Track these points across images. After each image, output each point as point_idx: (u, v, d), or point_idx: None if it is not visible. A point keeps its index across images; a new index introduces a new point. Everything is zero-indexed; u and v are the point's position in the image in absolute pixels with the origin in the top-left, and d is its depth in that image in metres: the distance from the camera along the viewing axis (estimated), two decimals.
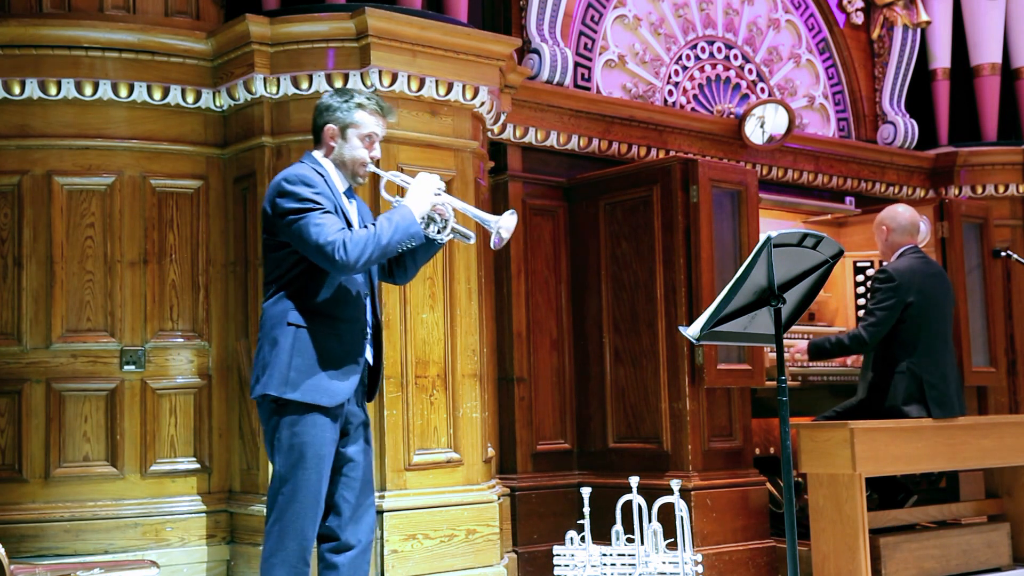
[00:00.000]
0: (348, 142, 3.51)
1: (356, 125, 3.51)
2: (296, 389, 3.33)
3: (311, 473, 3.34)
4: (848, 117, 7.59)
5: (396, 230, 3.35)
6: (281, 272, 3.43)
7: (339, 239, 3.28)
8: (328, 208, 3.36)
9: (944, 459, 5.39)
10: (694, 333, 3.63)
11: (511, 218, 3.45)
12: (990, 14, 7.78)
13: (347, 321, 3.43)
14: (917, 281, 5.47)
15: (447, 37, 5.03)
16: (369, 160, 3.53)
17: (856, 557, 4.95)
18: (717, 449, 5.55)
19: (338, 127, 3.51)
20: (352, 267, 3.29)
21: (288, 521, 3.33)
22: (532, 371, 5.87)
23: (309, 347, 3.36)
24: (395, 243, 3.35)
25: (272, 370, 3.35)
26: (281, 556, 3.33)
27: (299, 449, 3.34)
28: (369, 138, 3.52)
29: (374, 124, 3.53)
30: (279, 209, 3.37)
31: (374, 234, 3.32)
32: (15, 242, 4.93)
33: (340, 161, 3.53)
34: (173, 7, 5.21)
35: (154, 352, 5.01)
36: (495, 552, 4.96)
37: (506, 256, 5.83)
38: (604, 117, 6.18)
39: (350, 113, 3.51)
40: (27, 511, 4.79)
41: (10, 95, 4.91)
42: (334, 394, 3.37)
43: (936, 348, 5.50)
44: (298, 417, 3.35)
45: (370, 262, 3.33)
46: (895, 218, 5.69)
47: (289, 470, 3.34)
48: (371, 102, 3.54)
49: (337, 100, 3.53)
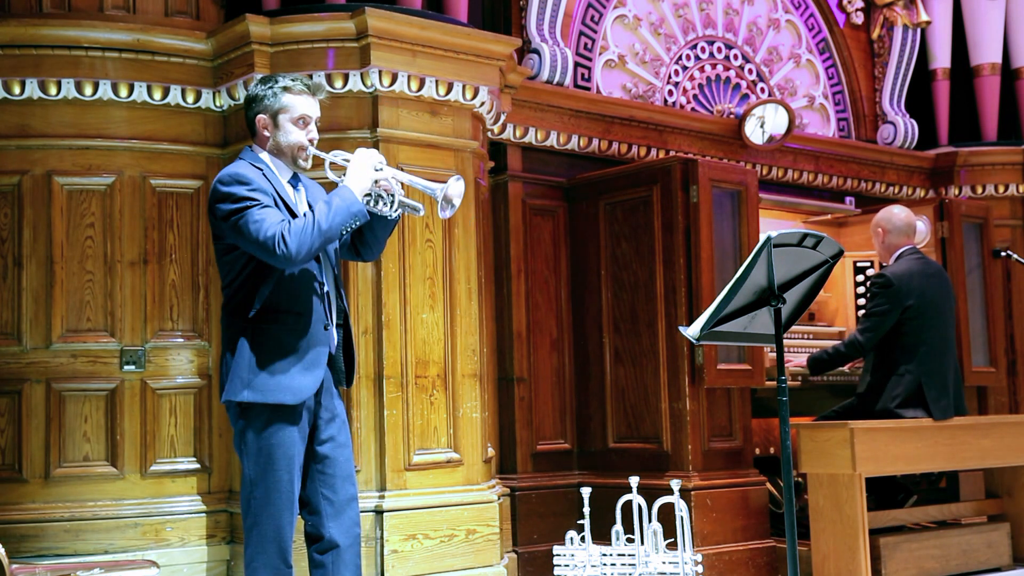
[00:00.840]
0: (281, 128, 3.43)
1: (285, 109, 3.42)
2: (257, 391, 3.27)
3: (282, 474, 3.30)
4: (848, 117, 7.59)
5: (336, 213, 3.26)
6: (234, 275, 3.37)
7: (277, 232, 3.20)
8: (266, 203, 3.28)
9: (944, 459, 5.39)
10: (694, 333, 3.63)
11: (457, 184, 3.37)
12: (990, 14, 7.78)
13: (304, 314, 3.35)
14: (916, 283, 5.48)
15: (447, 37, 5.03)
16: (306, 142, 3.45)
17: (856, 557, 4.95)
18: (717, 449, 5.55)
19: (268, 115, 3.43)
20: (295, 259, 3.22)
21: (265, 524, 3.30)
22: (532, 371, 5.87)
23: (266, 346, 3.30)
24: (337, 226, 3.26)
25: (233, 374, 3.30)
26: (262, 560, 3.30)
27: (267, 451, 3.29)
28: (302, 120, 3.44)
29: (304, 105, 3.44)
30: (219, 213, 3.31)
31: (313, 221, 3.23)
32: (15, 242, 4.93)
33: (277, 150, 3.45)
34: (173, 7, 5.21)
35: (154, 352, 5.01)
36: (495, 552, 4.96)
37: (506, 256, 5.83)
38: (604, 117, 6.18)
39: (277, 98, 3.42)
40: (27, 511, 4.79)
41: (10, 95, 4.91)
42: (297, 391, 3.30)
43: (936, 350, 5.50)
44: (263, 419, 3.30)
45: (313, 251, 3.24)
46: (891, 220, 5.70)
47: (259, 473, 3.30)
48: (296, 83, 3.44)
49: (262, 88, 3.45)
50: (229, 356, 3.34)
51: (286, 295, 3.34)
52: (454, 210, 3.39)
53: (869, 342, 5.46)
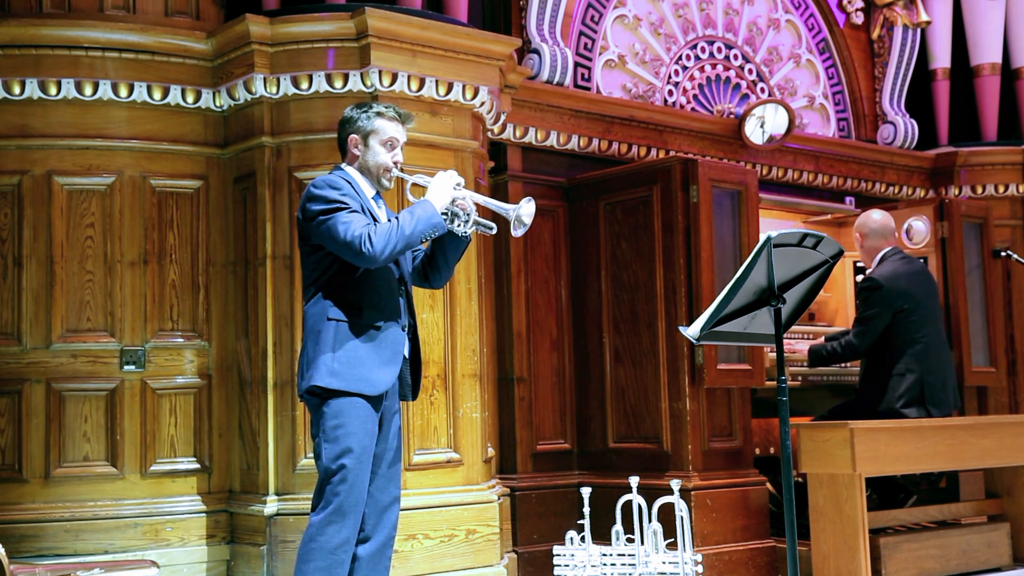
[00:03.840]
0: (370, 149, 3.67)
1: (376, 132, 3.67)
2: (341, 379, 3.46)
3: (357, 462, 3.45)
4: (848, 117, 7.59)
5: (418, 221, 3.48)
6: (318, 274, 3.57)
7: (364, 233, 3.41)
8: (354, 208, 3.50)
9: (944, 459, 5.39)
10: (694, 333, 3.63)
11: (528, 205, 3.59)
12: (990, 14, 7.78)
13: (384, 314, 3.56)
14: (902, 284, 5.59)
15: (447, 37, 5.03)
16: (392, 164, 3.69)
17: (856, 557, 4.94)
18: (717, 449, 5.55)
19: (360, 136, 3.68)
20: (378, 258, 3.42)
21: (334, 510, 3.42)
22: (532, 371, 5.87)
23: (350, 340, 3.49)
24: (418, 233, 3.48)
25: (318, 363, 3.48)
26: (321, 542, 3.42)
27: (345, 439, 3.45)
28: (390, 143, 3.68)
29: (394, 129, 3.69)
30: (309, 213, 3.52)
31: (397, 226, 3.46)
32: (15, 242, 4.93)
33: (365, 168, 3.68)
34: (173, 7, 5.21)
35: (154, 352, 5.01)
36: (495, 552, 4.96)
37: (506, 256, 5.83)
38: (604, 117, 6.18)
39: (370, 121, 3.67)
40: (27, 511, 4.79)
41: (10, 95, 4.91)
42: (376, 384, 3.49)
43: (931, 346, 5.60)
44: (343, 407, 3.47)
45: (395, 253, 3.45)
46: (866, 223, 5.85)
47: (335, 459, 3.44)
48: (389, 110, 3.70)
49: (357, 112, 3.70)
50: (312, 346, 3.53)
51: (369, 295, 3.56)
52: (525, 228, 3.61)
53: (863, 344, 5.59)
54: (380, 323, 3.54)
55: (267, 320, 4.88)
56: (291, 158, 4.93)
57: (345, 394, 3.47)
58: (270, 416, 4.84)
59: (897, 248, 5.80)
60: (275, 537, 4.75)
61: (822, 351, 5.77)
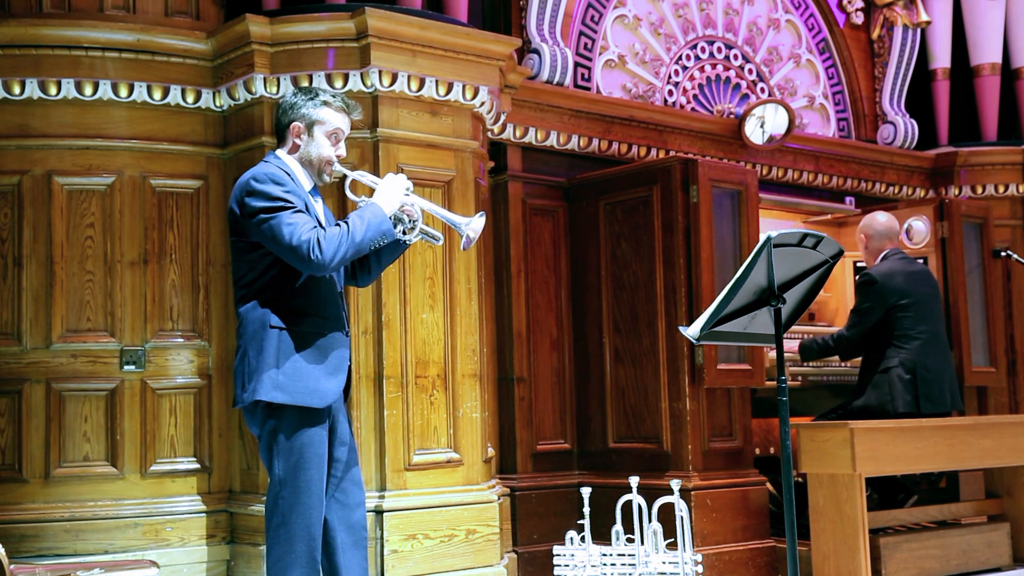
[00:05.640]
0: (314, 139, 3.48)
1: (322, 122, 3.47)
2: (287, 393, 3.30)
3: (312, 472, 3.34)
4: (848, 117, 7.59)
5: (368, 228, 3.32)
6: (256, 275, 3.38)
7: (312, 238, 3.24)
8: (299, 207, 3.32)
9: (944, 459, 5.39)
10: (694, 333, 3.63)
11: (479, 220, 3.46)
12: (990, 14, 7.78)
13: (328, 319, 3.41)
14: (900, 282, 5.61)
15: (447, 37, 5.03)
16: (335, 158, 3.50)
17: (856, 557, 4.95)
18: (717, 449, 5.55)
19: (304, 124, 3.48)
20: (327, 266, 3.26)
21: (294, 524, 3.32)
22: (532, 371, 5.87)
23: (295, 349, 3.33)
24: (367, 241, 3.33)
25: (262, 376, 3.31)
26: (290, 559, 3.32)
27: (298, 451, 3.33)
28: (335, 135, 3.50)
29: (340, 121, 3.50)
30: (248, 209, 3.32)
31: (347, 232, 3.29)
32: (15, 242, 4.93)
33: (306, 159, 3.49)
34: (173, 7, 5.21)
35: (154, 352, 5.01)
36: (495, 552, 4.96)
37: (506, 256, 5.83)
38: (604, 117, 6.18)
39: (316, 110, 3.47)
40: (27, 511, 4.79)
41: (10, 95, 4.91)
42: (324, 394, 3.36)
43: (927, 344, 5.60)
44: (293, 420, 3.33)
45: (344, 260, 3.30)
46: (871, 225, 5.89)
47: (290, 472, 3.33)
48: (336, 99, 3.51)
49: (302, 98, 3.49)
50: (252, 355, 3.34)
51: (313, 300, 3.39)
52: (471, 244, 3.49)
53: (855, 336, 5.62)
54: (325, 330, 3.39)
55: None
56: None
57: (293, 408, 3.32)
58: None
59: (899, 249, 5.84)
60: None
61: (812, 345, 5.80)
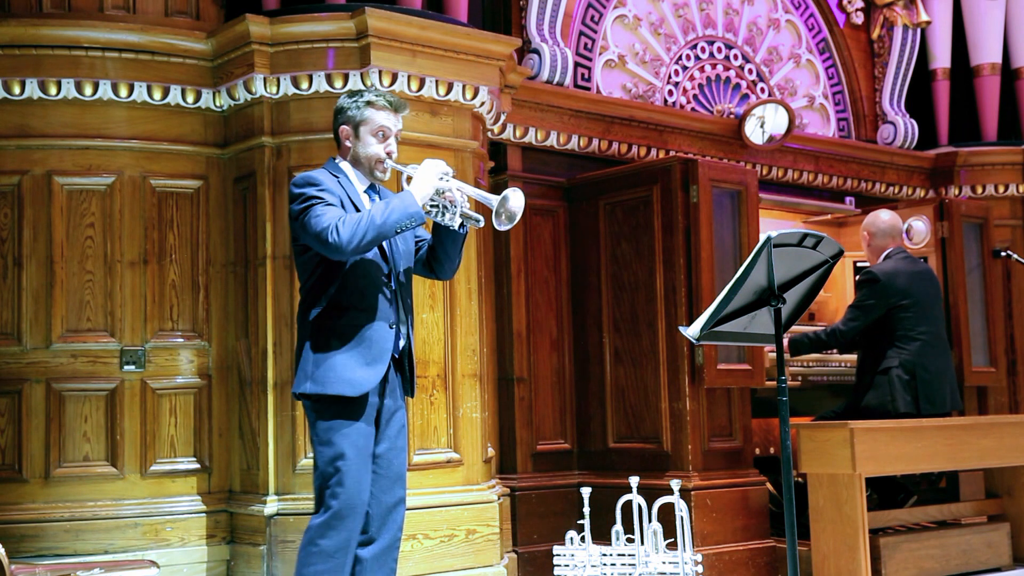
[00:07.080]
0: (361, 140, 3.58)
1: (366, 122, 3.57)
2: (317, 383, 3.40)
3: (351, 464, 3.39)
4: (848, 117, 7.59)
5: (393, 211, 3.37)
6: (307, 275, 3.51)
7: (332, 223, 3.32)
8: (331, 202, 3.42)
9: (944, 459, 5.39)
10: (694, 333, 3.63)
11: (516, 196, 3.44)
12: (990, 14, 7.78)
13: (366, 311, 3.46)
14: (902, 281, 5.60)
15: (447, 37, 5.03)
16: (384, 155, 3.58)
17: (856, 557, 4.94)
18: (717, 449, 5.55)
19: (351, 126, 3.59)
20: (344, 248, 3.32)
21: (333, 513, 3.37)
22: (532, 371, 5.87)
23: (328, 340, 3.42)
24: (392, 223, 3.36)
25: (301, 369, 3.45)
26: (321, 545, 3.37)
27: (336, 442, 3.40)
28: (382, 133, 3.58)
29: (384, 118, 3.58)
30: (291, 212, 3.48)
31: (368, 215, 3.36)
32: (15, 242, 4.93)
33: (356, 159, 3.60)
34: (173, 7, 5.21)
35: (154, 352, 5.01)
36: (495, 552, 4.96)
37: (506, 256, 5.83)
38: (604, 117, 6.18)
39: (360, 111, 3.57)
40: (27, 511, 4.79)
41: (10, 95, 4.91)
42: (357, 384, 3.40)
43: (928, 344, 5.59)
44: (330, 410, 3.41)
45: (365, 243, 3.34)
46: (875, 223, 5.86)
47: (329, 464, 3.39)
48: (380, 98, 3.59)
49: (348, 101, 3.61)
50: (297, 352, 3.49)
51: (352, 292, 3.46)
52: (513, 223, 3.47)
53: (851, 331, 5.59)
54: (363, 321, 3.44)
55: (267, 320, 4.88)
56: (291, 158, 4.93)
57: (327, 398, 3.40)
58: (270, 416, 4.84)
59: (902, 248, 5.81)
60: (275, 537, 4.75)
61: (803, 339, 5.72)
